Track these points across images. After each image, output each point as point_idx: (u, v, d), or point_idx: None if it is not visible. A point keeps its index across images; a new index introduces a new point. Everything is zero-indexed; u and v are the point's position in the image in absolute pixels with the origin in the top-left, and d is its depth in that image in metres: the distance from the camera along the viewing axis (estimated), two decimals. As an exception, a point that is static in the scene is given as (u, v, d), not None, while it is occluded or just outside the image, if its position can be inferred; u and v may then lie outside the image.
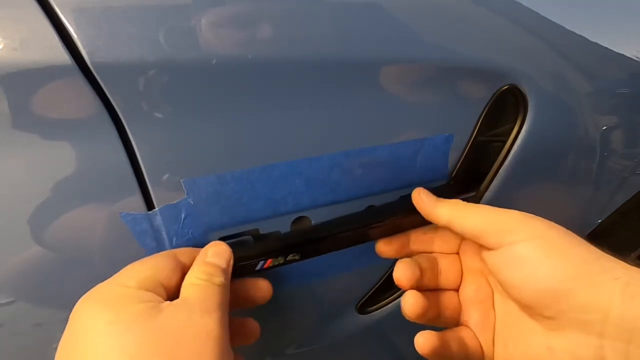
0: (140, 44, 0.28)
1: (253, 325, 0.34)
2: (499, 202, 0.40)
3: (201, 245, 0.34)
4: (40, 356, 0.34)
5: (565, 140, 0.40)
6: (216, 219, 0.33)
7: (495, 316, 0.32)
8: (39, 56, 0.26)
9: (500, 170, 0.39)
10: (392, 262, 0.42)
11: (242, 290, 0.33)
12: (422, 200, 0.34)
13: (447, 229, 0.33)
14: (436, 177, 0.38)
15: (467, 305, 0.34)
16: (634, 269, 0.26)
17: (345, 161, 0.35)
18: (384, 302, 0.44)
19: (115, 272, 0.33)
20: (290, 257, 0.35)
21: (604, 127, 0.41)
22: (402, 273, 0.33)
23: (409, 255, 0.36)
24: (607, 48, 0.39)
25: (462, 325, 0.34)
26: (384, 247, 0.36)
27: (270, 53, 0.30)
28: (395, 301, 0.44)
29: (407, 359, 0.52)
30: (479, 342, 0.32)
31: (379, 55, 0.33)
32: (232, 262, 0.30)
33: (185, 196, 0.32)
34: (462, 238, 0.36)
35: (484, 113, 0.37)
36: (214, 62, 0.29)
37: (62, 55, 0.26)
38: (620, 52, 0.40)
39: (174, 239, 0.33)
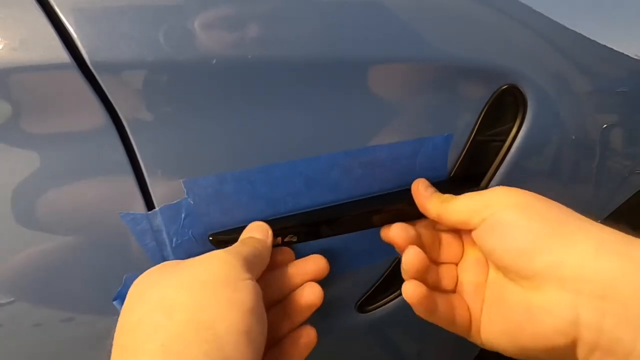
0: (140, 44, 0.28)
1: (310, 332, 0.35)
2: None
3: (201, 245, 0.34)
4: (40, 356, 0.34)
5: (564, 140, 0.40)
6: (216, 219, 0.33)
7: (486, 288, 0.33)
8: (39, 56, 0.26)
9: (499, 170, 0.39)
10: (392, 261, 0.42)
11: (300, 266, 0.35)
12: (419, 191, 0.35)
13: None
14: (435, 177, 0.38)
15: (463, 276, 0.35)
16: (609, 228, 0.27)
17: (345, 161, 0.35)
18: (383, 300, 0.44)
19: (115, 272, 0.33)
20: (287, 239, 0.35)
21: (604, 127, 0.41)
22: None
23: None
24: (607, 47, 0.39)
25: (457, 293, 0.34)
26: (388, 231, 0.36)
27: (270, 53, 0.30)
28: (395, 300, 0.44)
29: (407, 358, 0.52)
30: (468, 310, 0.33)
31: (378, 55, 0.33)
32: (270, 234, 0.33)
33: (185, 196, 0.32)
34: None
35: (483, 113, 0.37)
36: (214, 62, 0.29)
37: (62, 55, 0.26)
38: (620, 51, 0.40)
39: (174, 239, 0.33)
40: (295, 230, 0.35)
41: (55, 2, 0.26)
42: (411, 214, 0.36)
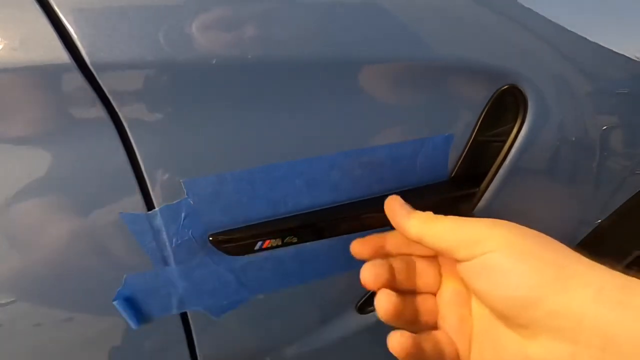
0: (140, 44, 0.28)
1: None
2: (498, 201, 0.40)
3: (201, 245, 0.34)
4: (40, 356, 0.34)
5: (565, 140, 0.40)
6: (216, 219, 0.33)
7: (472, 321, 0.32)
8: (39, 56, 0.26)
9: (500, 170, 0.39)
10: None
11: None
12: (394, 210, 0.33)
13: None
14: (436, 177, 0.38)
15: (444, 309, 0.33)
16: (608, 272, 0.25)
17: (345, 161, 0.35)
18: (383, 302, 0.44)
19: (115, 272, 0.33)
20: (287, 239, 0.35)
21: (604, 127, 0.41)
22: (368, 273, 0.32)
23: (384, 257, 0.35)
24: (607, 48, 0.39)
25: (438, 329, 0.33)
26: (358, 248, 0.35)
27: (270, 53, 0.30)
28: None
29: (407, 358, 0.52)
30: (455, 346, 0.31)
31: (379, 55, 0.33)
32: None
33: (185, 196, 0.32)
34: None
35: (483, 113, 0.37)
36: (214, 62, 0.29)
37: (62, 55, 0.26)
38: (620, 52, 0.40)
39: (174, 239, 0.33)
40: (296, 231, 0.35)
41: (55, 2, 0.26)
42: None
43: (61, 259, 0.31)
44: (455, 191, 0.39)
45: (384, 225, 0.37)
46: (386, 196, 0.37)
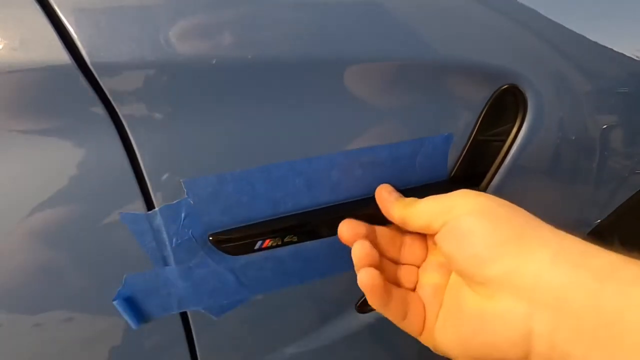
0: (140, 44, 0.28)
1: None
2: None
3: (201, 245, 0.34)
4: (40, 356, 0.34)
5: (564, 140, 0.40)
6: (216, 219, 0.33)
7: (445, 292, 0.33)
8: (39, 56, 0.26)
9: (499, 170, 0.39)
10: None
11: None
12: (382, 197, 0.34)
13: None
14: (436, 177, 0.38)
15: (423, 278, 0.34)
16: (569, 238, 0.26)
17: (345, 161, 0.35)
18: (383, 301, 0.44)
19: (115, 272, 0.33)
20: (287, 239, 0.35)
21: (604, 127, 0.41)
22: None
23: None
24: (607, 47, 0.39)
25: (415, 292, 0.34)
26: (347, 227, 0.34)
27: (270, 53, 0.30)
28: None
29: (407, 358, 0.52)
30: (423, 308, 0.32)
31: (379, 54, 0.33)
32: None
33: (185, 196, 0.32)
34: None
35: (483, 112, 0.37)
36: (214, 62, 0.29)
37: (62, 55, 0.26)
38: (620, 51, 0.40)
39: (174, 239, 0.33)
40: (295, 231, 0.35)
41: (55, 2, 0.26)
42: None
43: (61, 258, 0.31)
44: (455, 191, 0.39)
45: (384, 224, 0.37)
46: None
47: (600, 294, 0.22)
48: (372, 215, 0.36)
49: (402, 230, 0.35)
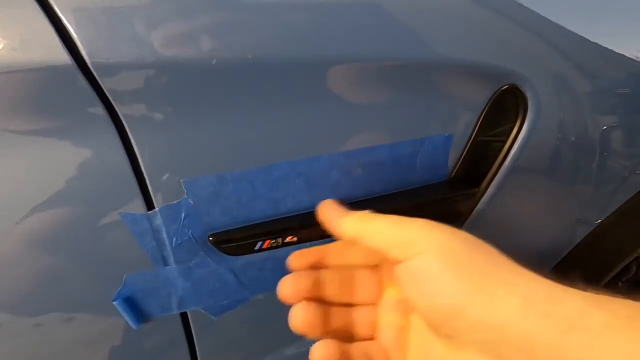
0: (140, 44, 0.28)
1: None
2: (498, 201, 0.40)
3: (201, 245, 0.34)
4: (40, 356, 0.34)
5: (565, 140, 0.40)
6: (216, 219, 0.33)
7: (410, 332, 0.30)
8: (39, 56, 0.26)
9: (500, 170, 0.39)
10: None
11: None
12: (327, 213, 0.32)
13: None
14: (436, 177, 0.38)
15: (383, 319, 0.31)
16: (536, 281, 0.24)
17: (345, 161, 0.35)
18: (383, 301, 0.44)
19: (115, 272, 0.33)
20: (288, 240, 0.35)
21: (604, 127, 0.41)
22: (287, 285, 0.31)
23: (324, 267, 0.33)
24: (607, 48, 0.39)
25: (376, 340, 0.31)
26: (296, 261, 0.33)
27: (270, 53, 0.30)
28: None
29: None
30: (388, 358, 0.30)
31: (379, 55, 0.33)
32: None
33: (185, 196, 0.32)
34: None
35: (484, 113, 0.37)
36: (214, 62, 0.29)
37: (62, 55, 0.26)
38: (620, 52, 0.40)
39: (174, 239, 0.33)
40: (296, 231, 0.35)
41: (55, 2, 0.26)
42: (412, 214, 0.36)
43: (61, 258, 0.31)
44: (455, 191, 0.39)
45: None
46: (386, 196, 0.37)
47: (567, 348, 0.21)
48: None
49: (351, 268, 0.33)
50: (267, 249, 0.35)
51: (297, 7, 0.31)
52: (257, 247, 0.35)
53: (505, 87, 0.37)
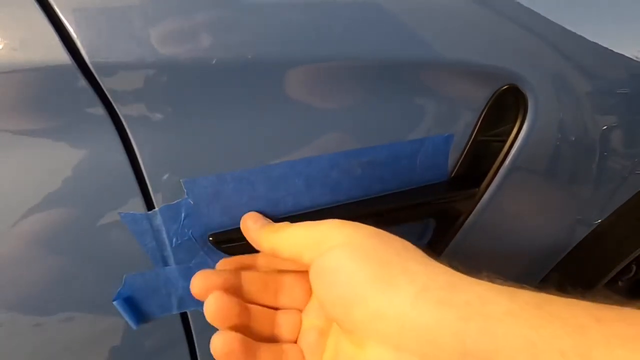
0: (140, 44, 0.28)
1: None
2: (498, 201, 0.40)
3: (201, 245, 0.34)
4: (40, 356, 0.34)
5: (564, 140, 0.40)
6: (216, 219, 0.33)
7: (328, 337, 0.29)
8: (39, 56, 0.26)
9: (500, 170, 0.39)
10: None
11: None
12: (247, 226, 0.32)
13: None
14: (436, 177, 0.38)
15: (306, 323, 0.31)
16: (437, 269, 0.23)
17: (345, 161, 0.35)
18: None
19: (115, 272, 0.33)
20: None
21: (604, 127, 0.41)
22: (196, 284, 0.29)
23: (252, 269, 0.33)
24: (607, 48, 0.39)
25: (297, 344, 0.30)
26: (223, 267, 0.33)
27: (270, 53, 0.30)
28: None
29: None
30: None
31: (378, 54, 0.33)
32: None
33: (185, 196, 0.32)
34: None
35: (484, 113, 0.37)
36: (214, 62, 0.29)
37: (62, 55, 0.26)
38: (620, 52, 0.40)
39: (174, 239, 0.33)
40: None
41: (55, 2, 0.26)
42: (412, 214, 0.36)
43: (61, 258, 0.31)
44: (455, 191, 0.39)
45: (385, 225, 0.37)
46: (386, 196, 0.37)
47: (466, 335, 0.20)
48: (375, 218, 0.36)
49: (281, 272, 0.33)
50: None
51: (297, 7, 0.31)
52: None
53: (505, 87, 0.37)
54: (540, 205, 0.44)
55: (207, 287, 0.29)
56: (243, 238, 0.34)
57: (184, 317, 0.38)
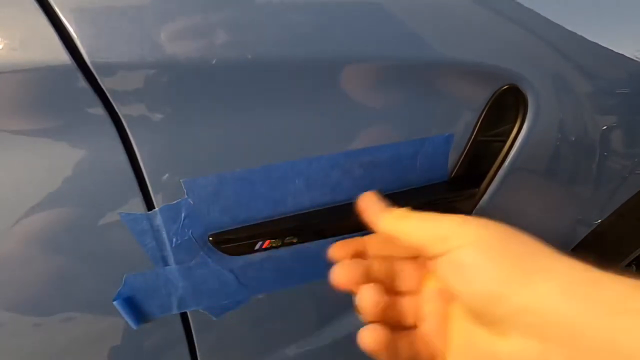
0: (140, 44, 0.28)
1: None
2: (498, 201, 0.40)
3: (201, 245, 0.34)
4: (40, 356, 0.34)
5: (564, 140, 0.40)
6: (216, 219, 0.33)
7: (451, 321, 0.31)
8: (39, 56, 0.26)
9: (500, 170, 0.39)
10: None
11: None
12: (367, 206, 0.33)
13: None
14: (436, 177, 0.38)
15: (424, 309, 0.32)
16: (577, 266, 0.25)
17: (345, 161, 0.35)
18: (383, 301, 0.44)
19: (115, 272, 0.33)
20: (287, 240, 0.35)
21: (604, 127, 0.41)
22: (340, 272, 0.31)
23: (364, 258, 0.34)
24: (607, 48, 0.39)
25: (418, 329, 0.32)
26: (338, 251, 0.34)
27: (270, 53, 0.30)
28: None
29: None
30: (432, 347, 0.31)
31: (378, 55, 0.33)
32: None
33: (185, 196, 0.32)
34: None
35: (484, 113, 0.37)
36: (214, 62, 0.29)
37: (62, 55, 0.26)
38: (620, 52, 0.40)
39: (174, 239, 0.33)
40: (296, 231, 0.35)
41: (55, 2, 0.26)
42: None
43: (61, 258, 0.31)
44: (455, 191, 0.39)
45: None
46: (386, 196, 0.37)
47: (615, 329, 0.21)
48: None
49: (392, 259, 0.34)
50: (267, 249, 0.35)
51: (297, 7, 0.31)
52: (257, 247, 0.35)
53: (505, 87, 0.37)
54: (541, 205, 0.44)
55: (349, 279, 0.31)
56: (243, 238, 0.34)
57: (184, 317, 0.38)
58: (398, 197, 0.38)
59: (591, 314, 0.22)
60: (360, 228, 0.37)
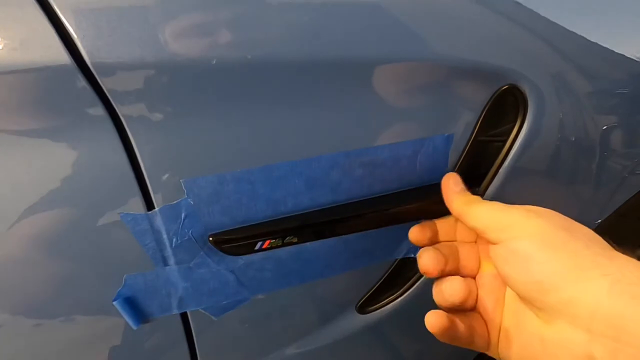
0: (140, 44, 0.28)
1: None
2: (498, 201, 0.40)
3: (201, 245, 0.34)
4: (40, 356, 0.34)
5: (565, 140, 0.40)
6: (216, 219, 0.33)
7: (504, 304, 0.33)
8: (39, 56, 0.26)
9: (500, 170, 0.39)
10: (392, 262, 0.42)
11: None
12: (448, 185, 0.35)
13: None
14: (436, 177, 0.38)
15: (481, 291, 0.35)
16: (629, 265, 0.26)
17: (345, 161, 0.35)
18: (384, 302, 0.44)
19: (115, 272, 0.33)
20: (288, 240, 0.35)
21: (604, 127, 0.41)
22: (429, 261, 0.34)
23: (435, 243, 0.37)
24: (607, 48, 0.39)
25: (475, 310, 0.35)
26: (417, 234, 0.37)
27: (270, 53, 0.30)
28: (396, 301, 0.44)
29: (407, 358, 0.52)
30: (486, 327, 0.33)
31: (379, 55, 0.33)
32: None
33: (185, 196, 0.32)
34: None
35: (484, 113, 0.37)
36: (214, 62, 0.29)
37: (62, 55, 0.26)
38: (620, 52, 0.40)
39: (174, 239, 0.33)
40: (296, 231, 0.35)
41: (55, 2, 0.26)
42: (412, 215, 0.36)
43: (61, 259, 0.31)
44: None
45: (385, 224, 0.37)
46: (386, 196, 0.37)
47: None
48: (375, 218, 0.36)
49: (456, 244, 0.37)
50: (267, 249, 0.35)
51: (297, 8, 0.31)
52: (257, 247, 0.35)
53: (505, 87, 0.37)
54: (541, 205, 0.44)
55: (435, 266, 0.34)
56: (243, 238, 0.34)
57: (184, 317, 0.38)
58: (398, 197, 0.38)
59: (636, 312, 0.23)
60: (360, 228, 0.37)
